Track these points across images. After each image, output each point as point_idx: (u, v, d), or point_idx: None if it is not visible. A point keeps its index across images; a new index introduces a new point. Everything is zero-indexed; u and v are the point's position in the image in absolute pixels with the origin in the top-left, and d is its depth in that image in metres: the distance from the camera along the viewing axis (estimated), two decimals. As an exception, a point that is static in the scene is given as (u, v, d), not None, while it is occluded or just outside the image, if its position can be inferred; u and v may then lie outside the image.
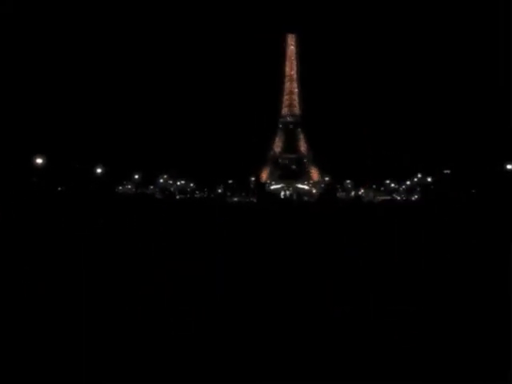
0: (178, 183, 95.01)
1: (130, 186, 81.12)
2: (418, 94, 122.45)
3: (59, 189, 51.77)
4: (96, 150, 61.04)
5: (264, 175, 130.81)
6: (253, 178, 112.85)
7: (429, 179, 75.60)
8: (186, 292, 6.15)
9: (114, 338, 4.23)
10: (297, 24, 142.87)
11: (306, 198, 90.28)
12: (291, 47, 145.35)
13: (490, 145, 64.47)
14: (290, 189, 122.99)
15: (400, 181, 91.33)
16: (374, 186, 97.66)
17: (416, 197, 77.61)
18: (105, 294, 5.91)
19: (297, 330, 4.39)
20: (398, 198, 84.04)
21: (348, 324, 4.66)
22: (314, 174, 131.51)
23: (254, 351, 3.85)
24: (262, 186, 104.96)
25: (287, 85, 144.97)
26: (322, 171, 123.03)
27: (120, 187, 77.98)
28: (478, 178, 61.59)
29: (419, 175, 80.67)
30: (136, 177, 78.64)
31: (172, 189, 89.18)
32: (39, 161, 45.33)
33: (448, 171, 72.13)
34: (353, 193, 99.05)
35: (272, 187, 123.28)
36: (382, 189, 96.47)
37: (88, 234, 12.47)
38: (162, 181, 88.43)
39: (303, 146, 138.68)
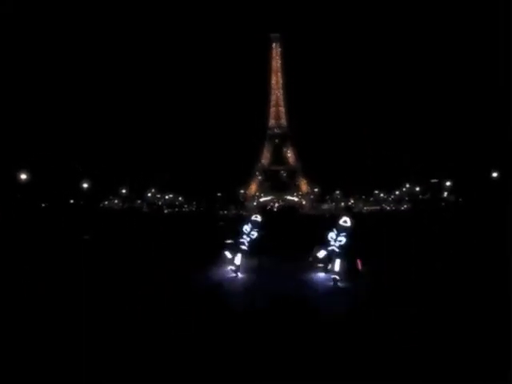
0: (166, 197, 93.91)
1: (116, 201, 79.60)
2: (404, 103, 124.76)
3: (43, 205, 50.30)
4: (81, 164, 59.84)
5: (253, 187, 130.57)
6: (242, 191, 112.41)
7: (417, 189, 76.32)
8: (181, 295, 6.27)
9: (113, 338, 4.21)
10: (281, 28, 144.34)
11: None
12: (277, 59, 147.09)
13: (476, 153, 65.52)
14: (280, 201, 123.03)
15: (389, 191, 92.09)
16: (364, 197, 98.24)
17: (405, 206, 78.14)
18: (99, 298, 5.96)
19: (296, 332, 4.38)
20: (388, 207, 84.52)
21: (348, 324, 4.64)
22: (303, 185, 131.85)
23: (253, 351, 3.79)
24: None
25: (273, 97, 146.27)
26: (311, 182, 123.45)
27: (106, 202, 76.44)
28: (466, 186, 62.40)
29: (407, 185, 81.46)
30: (123, 191, 77.29)
31: (160, 203, 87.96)
32: (23, 176, 44.07)
33: (435, 180, 73.00)
34: (342, 203, 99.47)
35: (261, 199, 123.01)
36: (372, 199, 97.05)
37: (74, 249, 12.49)
38: (149, 195, 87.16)
39: (291, 158, 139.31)
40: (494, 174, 56.91)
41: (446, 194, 70.32)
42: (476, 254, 10.21)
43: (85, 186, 57.42)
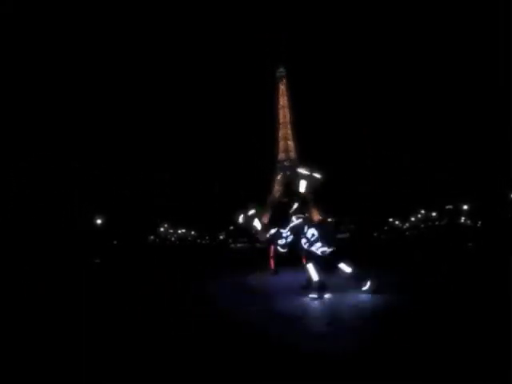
0: (179, 231, 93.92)
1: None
2: (413, 129, 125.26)
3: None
4: (95, 200, 60.57)
5: (265, 219, 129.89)
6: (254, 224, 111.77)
7: (433, 214, 74.91)
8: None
9: (113, 339, 4.21)
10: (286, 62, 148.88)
11: None
12: (283, 96, 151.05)
13: (491, 176, 64.54)
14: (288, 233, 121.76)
15: (404, 218, 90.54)
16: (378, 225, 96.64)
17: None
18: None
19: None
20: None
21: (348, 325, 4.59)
22: (316, 215, 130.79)
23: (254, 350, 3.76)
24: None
25: (282, 131, 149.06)
26: (323, 212, 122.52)
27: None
28: (482, 210, 61.03)
29: (422, 211, 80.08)
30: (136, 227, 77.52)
31: (173, 238, 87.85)
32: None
33: (451, 206, 71.72)
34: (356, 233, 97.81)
35: (273, 231, 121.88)
36: (386, 228, 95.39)
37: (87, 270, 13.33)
38: (162, 229, 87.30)
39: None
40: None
41: (463, 218, 68.74)
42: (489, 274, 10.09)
43: (99, 222, 57.82)
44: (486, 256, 12.23)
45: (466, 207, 65.84)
